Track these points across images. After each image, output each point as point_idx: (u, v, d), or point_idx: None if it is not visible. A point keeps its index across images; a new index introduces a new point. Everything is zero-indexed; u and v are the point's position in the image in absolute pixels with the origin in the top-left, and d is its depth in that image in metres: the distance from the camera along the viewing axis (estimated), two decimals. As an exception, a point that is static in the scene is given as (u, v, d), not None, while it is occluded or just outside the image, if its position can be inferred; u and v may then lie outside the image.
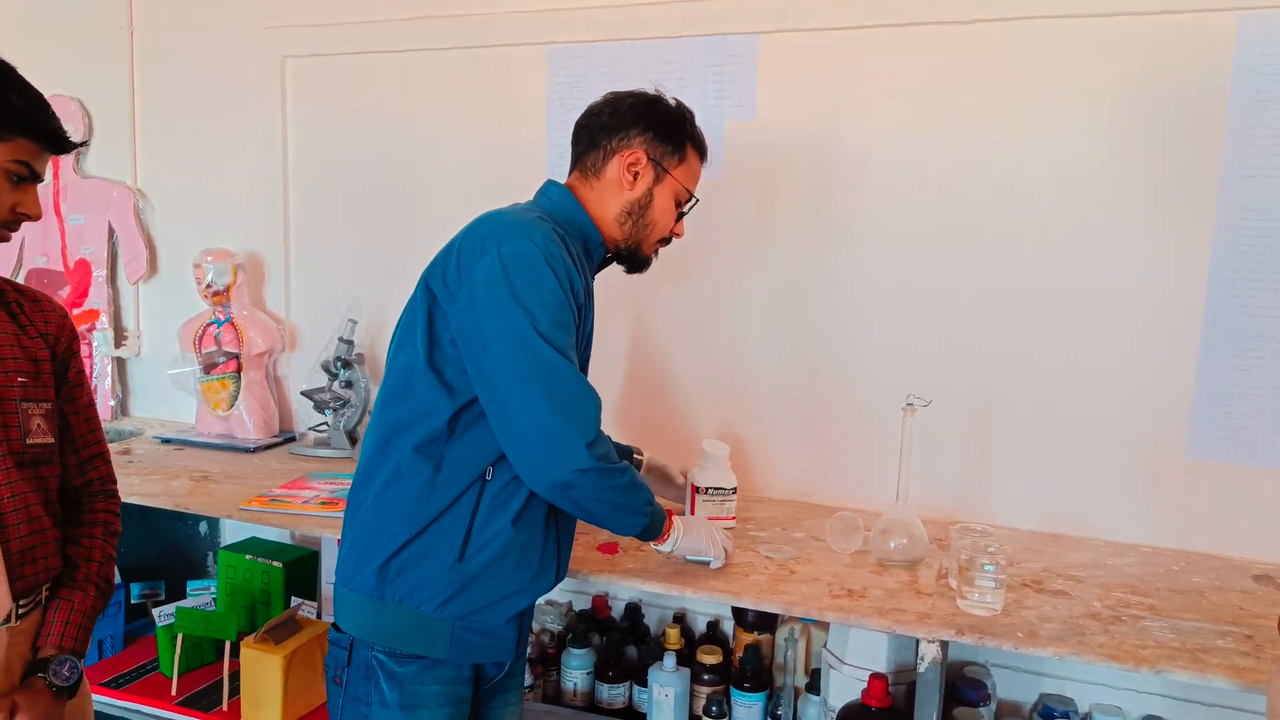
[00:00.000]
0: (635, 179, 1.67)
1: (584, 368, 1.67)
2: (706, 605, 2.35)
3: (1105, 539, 2.10)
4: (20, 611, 1.47)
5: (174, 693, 2.26)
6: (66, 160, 2.99)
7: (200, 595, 2.46)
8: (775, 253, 2.30)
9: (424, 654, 1.55)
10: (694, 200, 1.76)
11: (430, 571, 1.54)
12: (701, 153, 1.75)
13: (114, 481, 1.70)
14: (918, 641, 1.63)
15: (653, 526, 1.65)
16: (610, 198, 1.68)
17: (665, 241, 1.77)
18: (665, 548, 1.74)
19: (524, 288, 1.46)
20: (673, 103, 1.72)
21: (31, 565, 1.48)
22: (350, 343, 2.60)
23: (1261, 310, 1.95)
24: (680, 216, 1.76)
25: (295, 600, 2.41)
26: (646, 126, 1.67)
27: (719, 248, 2.34)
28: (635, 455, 2.05)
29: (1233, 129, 1.94)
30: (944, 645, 1.62)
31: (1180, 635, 1.60)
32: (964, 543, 1.72)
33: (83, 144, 1.65)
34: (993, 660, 2.14)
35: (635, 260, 1.75)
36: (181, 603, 2.34)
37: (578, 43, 2.39)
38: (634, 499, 1.58)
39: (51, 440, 1.54)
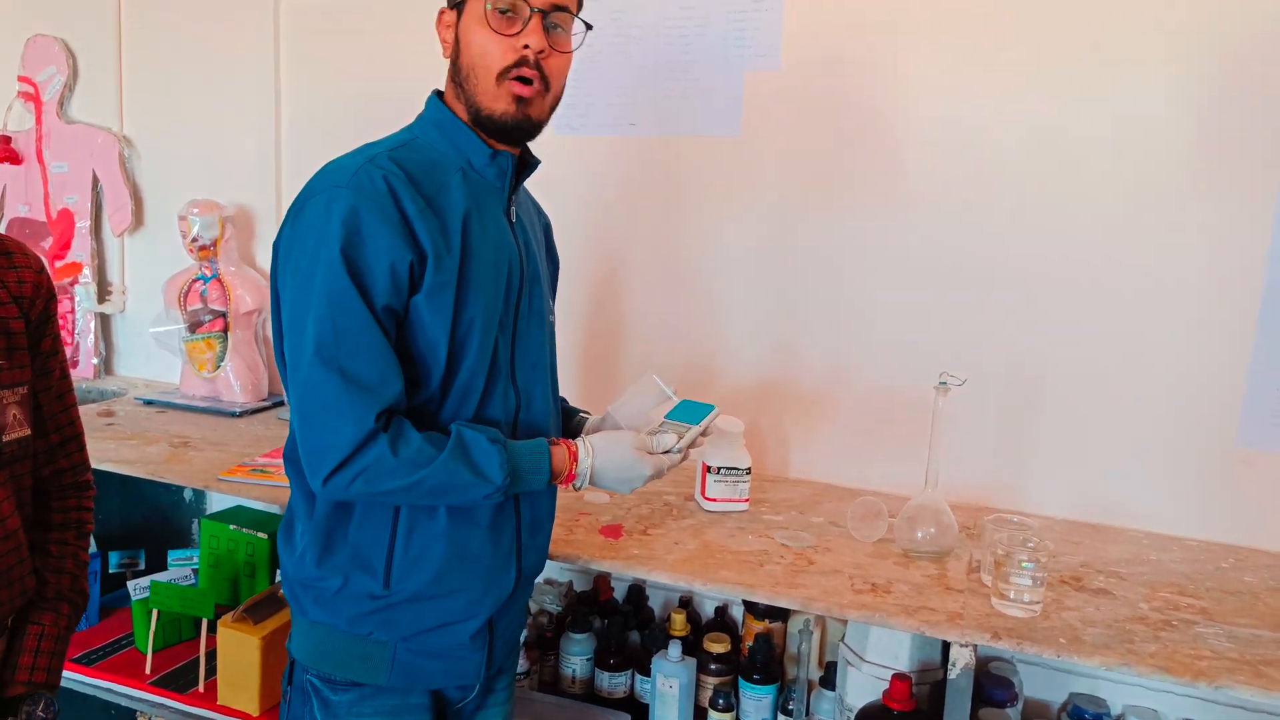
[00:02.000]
0: (447, 40, 1.37)
1: (477, 324, 1.31)
2: (713, 591, 2.23)
3: (1147, 530, 1.95)
4: None
5: (148, 671, 2.14)
6: (49, 104, 2.85)
7: (181, 566, 2.34)
8: (799, 216, 2.15)
9: (361, 680, 1.37)
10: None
11: (356, 600, 1.34)
12: None
13: (88, 470, 1.49)
14: (945, 641, 1.50)
15: (515, 490, 1.33)
16: (448, 80, 1.39)
17: (509, 74, 1.31)
18: (578, 485, 1.42)
19: (303, 271, 1.23)
20: None
21: (6, 590, 1.28)
22: (343, 303, 2.46)
23: (1329, 288, 1.79)
24: (524, 25, 1.31)
25: (280, 575, 2.29)
26: None
27: (739, 210, 2.18)
28: (581, 415, 1.68)
29: (1303, 89, 1.77)
30: (975, 647, 1.48)
31: (1238, 644, 1.45)
32: (1000, 535, 1.58)
33: None
34: (1020, 657, 2.00)
35: (495, 126, 1.34)
36: (157, 576, 2.21)
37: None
38: (454, 496, 1.29)
39: (28, 432, 1.32)
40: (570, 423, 1.65)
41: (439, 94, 1.42)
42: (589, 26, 1.40)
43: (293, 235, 1.27)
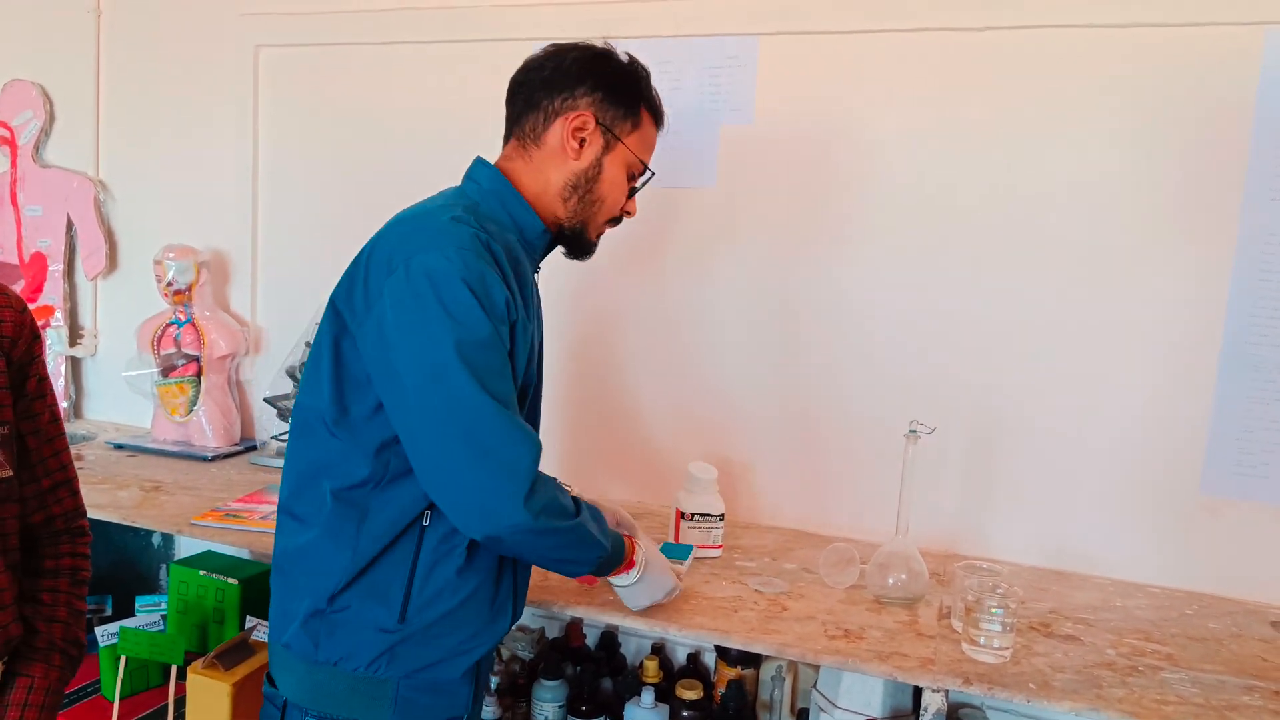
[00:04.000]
0: (581, 146, 1.45)
1: (530, 388, 1.44)
2: (688, 637, 2.23)
3: (1112, 578, 1.98)
4: None
5: (115, 719, 2.10)
6: (25, 148, 2.85)
7: (149, 613, 2.31)
8: (770, 265, 2.18)
9: (364, 719, 1.37)
10: (649, 174, 1.54)
11: (367, 633, 1.35)
12: (658, 118, 1.53)
13: (82, 515, 1.45)
14: (917, 687, 1.51)
15: (604, 569, 1.45)
16: (551, 169, 1.46)
17: (615, 221, 1.54)
18: (620, 581, 1.53)
19: (434, 311, 1.23)
20: (625, 58, 1.49)
21: None
22: (318, 348, 2.46)
23: (1285, 340, 1.84)
24: (633, 192, 1.54)
25: (250, 620, 2.27)
26: (595, 85, 1.44)
27: (711, 258, 2.22)
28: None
29: (1257, 149, 1.84)
30: (947, 693, 1.50)
31: (1203, 690, 1.48)
32: (970, 582, 1.60)
33: None
34: (990, 703, 2.02)
35: (579, 243, 1.52)
36: (126, 622, 2.19)
37: (567, 39, 2.25)
38: (582, 554, 1.37)
39: (10, 474, 1.29)
40: None
41: (484, 160, 1.50)
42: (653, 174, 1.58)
43: (411, 290, 1.26)
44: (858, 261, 2.12)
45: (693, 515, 1.92)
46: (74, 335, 2.89)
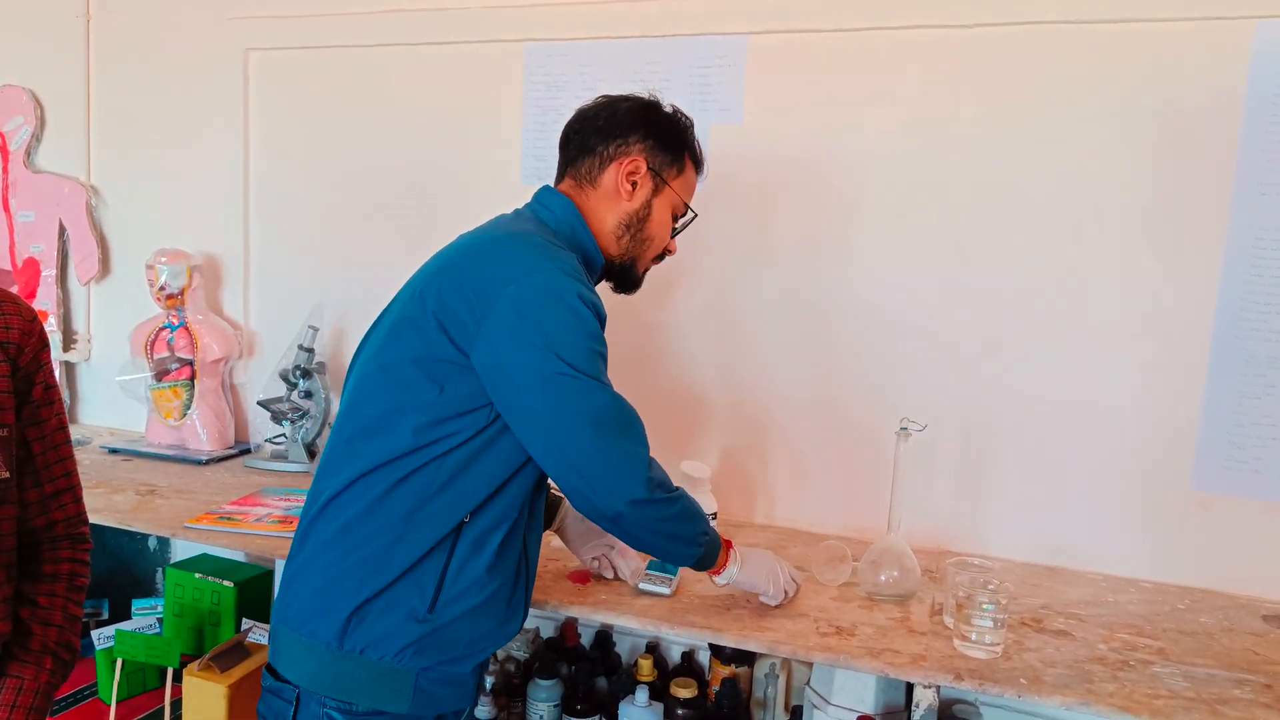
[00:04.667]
0: (634, 189, 1.56)
1: None
2: (681, 636, 2.23)
3: (1104, 573, 1.99)
4: None
5: (111, 722, 2.11)
6: (16, 154, 2.85)
7: (145, 616, 2.31)
8: (761, 264, 2.19)
9: (383, 709, 1.40)
10: (692, 215, 1.67)
11: (397, 622, 1.39)
12: (699, 165, 1.66)
13: (84, 523, 1.47)
14: (909, 684, 1.52)
15: (707, 557, 1.54)
16: (606, 209, 1.57)
17: (659, 259, 1.67)
18: (721, 580, 1.61)
19: (557, 323, 1.35)
20: (670, 109, 1.61)
21: None
22: (311, 351, 2.47)
23: (1275, 335, 1.85)
24: (675, 232, 1.66)
25: (246, 623, 2.27)
26: (646, 134, 1.57)
27: (702, 259, 2.22)
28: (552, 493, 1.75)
29: (1246, 144, 1.85)
30: (938, 688, 1.51)
31: (1194, 683, 1.49)
32: (961, 579, 1.61)
33: None
34: (982, 698, 2.02)
35: (628, 278, 1.65)
36: (122, 625, 2.19)
37: (556, 40, 2.27)
38: (687, 529, 1.47)
39: (7, 475, 1.31)
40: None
41: (554, 190, 1.59)
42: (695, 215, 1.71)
43: (532, 303, 1.36)
44: (848, 260, 2.13)
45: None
46: (68, 340, 2.89)
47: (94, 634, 2.22)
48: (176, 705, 2.05)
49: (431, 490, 1.39)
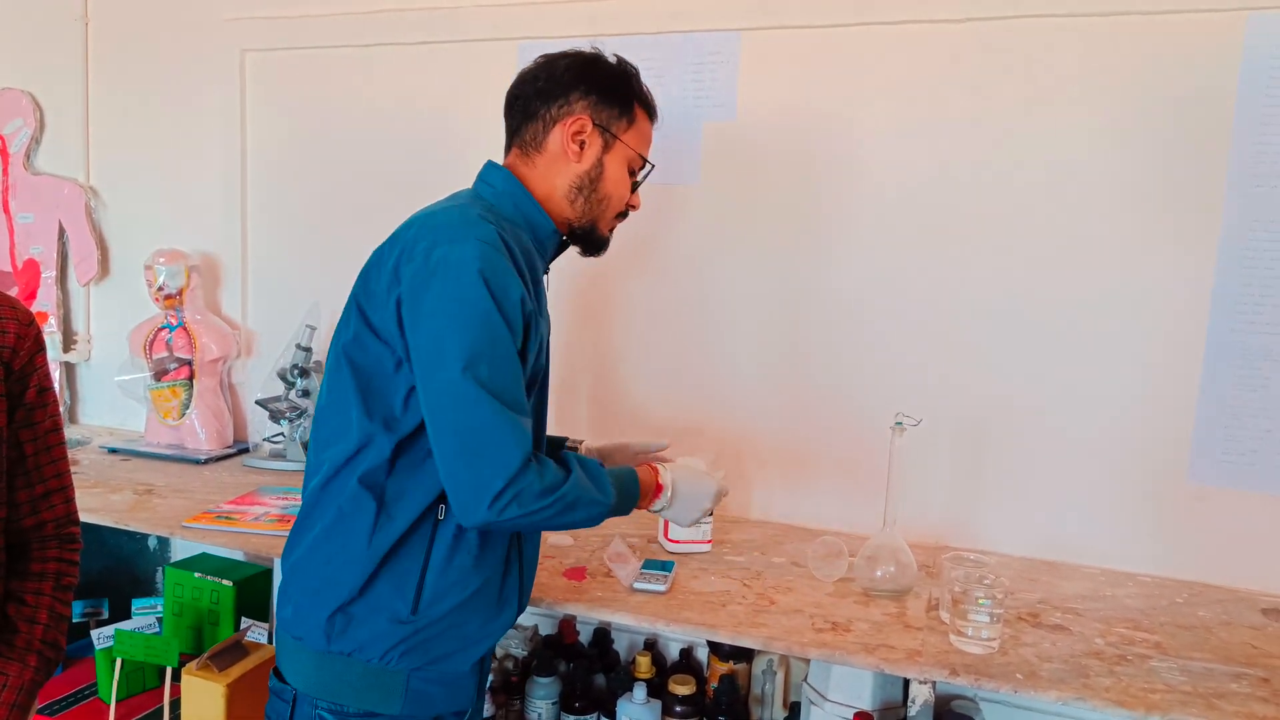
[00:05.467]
0: (582, 149, 1.49)
1: (538, 379, 1.48)
2: (677, 633, 2.23)
3: (1102, 567, 1.98)
4: None
5: (111, 721, 2.12)
6: (16, 156, 2.86)
7: (145, 615, 2.32)
8: (757, 260, 2.19)
9: (375, 710, 1.39)
10: (649, 166, 1.59)
11: (382, 624, 1.37)
12: (651, 113, 1.58)
13: (74, 523, 1.47)
14: (906, 680, 1.52)
15: (623, 509, 1.47)
16: (556, 173, 1.50)
17: (622, 216, 1.60)
18: (655, 509, 1.57)
19: (449, 305, 1.29)
20: (613, 59, 1.54)
21: None
22: (308, 350, 2.47)
23: (1270, 327, 1.84)
24: (635, 186, 1.59)
25: (245, 622, 2.28)
26: (588, 89, 1.49)
27: (697, 254, 2.22)
28: (569, 445, 1.77)
29: (1239, 136, 1.84)
30: (934, 684, 1.50)
31: (1191, 678, 1.48)
32: (957, 574, 1.60)
33: None
34: (979, 694, 2.02)
35: (592, 240, 1.57)
36: (121, 625, 2.20)
37: (549, 38, 2.26)
38: (579, 515, 1.38)
39: None
40: (557, 452, 1.68)
41: (496, 164, 1.53)
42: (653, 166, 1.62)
43: (429, 280, 1.31)
44: (844, 255, 2.12)
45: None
46: (67, 341, 2.90)
47: (93, 633, 2.23)
48: (176, 704, 2.05)
49: (390, 484, 1.37)
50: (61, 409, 2.83)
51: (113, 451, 2.59)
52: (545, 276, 1.54)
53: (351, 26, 2.45)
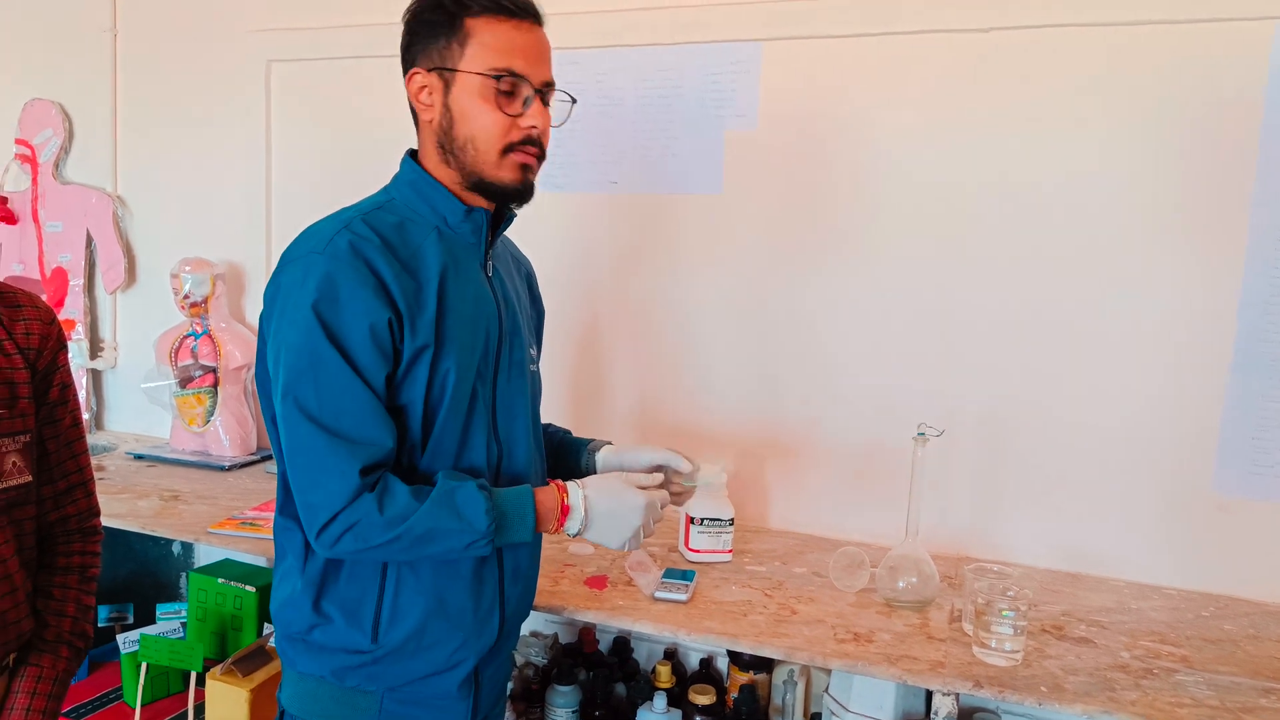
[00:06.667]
0: (430, 105, 1.35)
1: (476, 374, 1.35)
2: (699, 642, 2.23)
3: (1127, 579, 1.97)
4: None
5: (135, 726, 2.13)
6: (45, 166, 2.89)
7: (169, 620, 2.34)
8: (779, 268, 2.18)
9: None
10: (514, 76, 1.31)
11: (341, 654, 1.34)
12: (498, 11, 1.31)
13: (95, 515, 1.49)
14: (929, 691, 1.51)
15: (502, 541, 1.32)
16: (425, 142, 1.38)
17: (528, 146, 1.35)
18: (571, 529, 1.39)
19: (282, 329, 1.26)
20: None
21: (1, 634, 1.29)
22: (332, 358, 2.48)
23: (1299, 338, 1.82)
24: (524, 105, 1.34)
25: (268, 628, 2.29)
26: (412, 39, 1.36)
27: (721, 262, 2.22)
28: (591, 447, 1.63)
29: (1267, 145, 1.82)
30: (958, 696, 1.49)
31: (1218, 692, 1.47)
32: (980, 585, 1.60)
33: None
34: (1002, 706, 2.00)
35: (492, 190, 1.36)
36: (147, 629, 2.22)
37: (570, 49, 2.27)
38: (434, 549, 1.28)
39: (29, 479, 1.33)
40: (579, 456, 1.63)
41: (412, 153, 1.43)
42: (574, 100, 1.45)
43: (273, 299, 1.29)
44: (865, 264, 2.12)
45: (702, 520, 1.92)
46: (94, 348, 2.93)
47: (119, 638, 2.25)
48: (200, 709, 2.07)
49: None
50: (88, 416, 2.87)
51: (138, 458, 2.62)
52: (484, 262, 1.42)
53: (377, 37, 2.46)
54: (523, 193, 1.39)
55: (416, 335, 1.29)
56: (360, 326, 1.24)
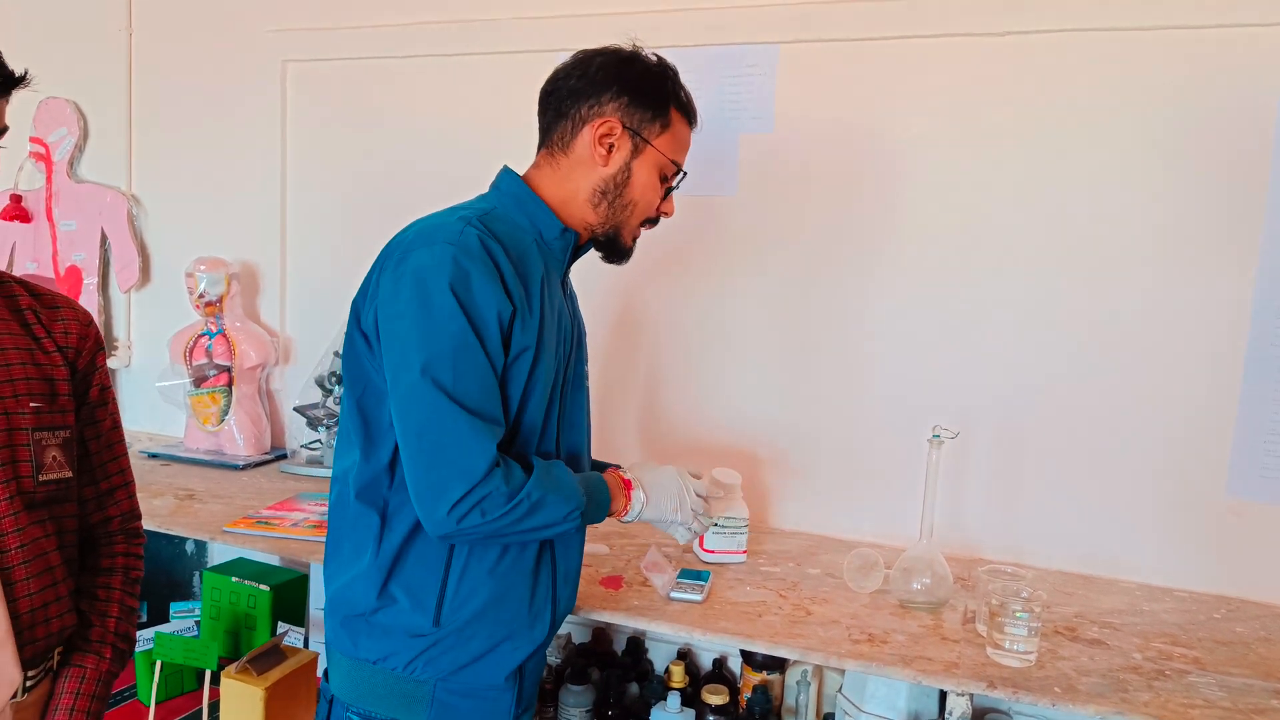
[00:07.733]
0: (609, 152, 1.44)
1: (545, 382, 1.40)
2: (714, 642, 2.24)
3: (1139, 582, 1.98)
4: (29, 684, 1.30)
5: (150, 723, 2.14)
6: (60, 164, 2.91)
7: (183, 619, 2.35)
8: (793, 272, 2.19)
9: (401, 718, 1.39)
10: (681, 173, 1.52)
11: (403, 636, 1.37)
12: (689, 117, 1.52)
13: (137, 518, 1.52)
14: (942, 692, 1.52)
15: (589, 520, 1.43)
16: (580, 176, 1.46)
17: (652, 223, 1.54)
18: (628, 518, 1.52)
19: (414, 310, 1.28)
20: (653, 59, 1.48)
21: (44, 627, 1.29)
22: (346, 358, 2.49)
23: (1312, 342, 1.83)
24: (668, 193, 1.53)
25: (282, 626, 2.30)
26: (621, 90, 1.43)
27: (734, 265, 2.23)
28: (612, 468, 1.69)
29: (1281, 150, 1.83)
30: (971, 697, 1.50)
31: (1230, 694, 1.47)
32: (994, 586, 1.60)
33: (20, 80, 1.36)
34: (1015, 707, 2.01)
35: (614, 247, 1.52)
36: (161, 628, 2.23)
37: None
38: (542, 518, 1.33)
39: (69, 474, 1.35)
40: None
41: (508, 169, 1.51)
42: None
43: (398, 284, 1.30)
44: (879, 267, 2.13)
45: (717, 520, 1.93)
46: (109, 347, 2.94)
47: (134, 636, 2.26)
48: (215, 707, 2.08)
49: (392, 496, 1.37)
50: (103, 413, 2.88)
51: (153, 456, 2.63)
52: (562, 280, 1.51)
53: (392, 38, 2.48)
54: (627, 256, 1.56)
55: (525, 334, 1.35)
56: (491, 312, 1.30)
